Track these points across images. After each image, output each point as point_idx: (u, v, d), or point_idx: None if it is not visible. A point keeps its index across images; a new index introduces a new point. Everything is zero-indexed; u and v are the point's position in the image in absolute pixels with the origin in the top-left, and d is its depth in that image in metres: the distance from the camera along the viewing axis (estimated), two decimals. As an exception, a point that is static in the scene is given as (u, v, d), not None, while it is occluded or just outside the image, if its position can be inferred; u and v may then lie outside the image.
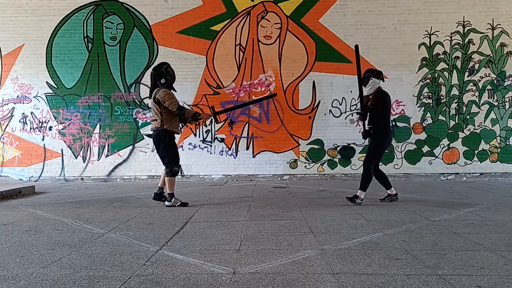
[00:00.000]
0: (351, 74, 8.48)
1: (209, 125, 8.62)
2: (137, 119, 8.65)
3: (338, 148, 8.52)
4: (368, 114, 5.24)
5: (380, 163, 8.32)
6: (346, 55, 8.46)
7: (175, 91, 5.40)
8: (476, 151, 8.43)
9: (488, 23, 8.40)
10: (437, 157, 8.46)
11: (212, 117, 5.51)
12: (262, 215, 4.55)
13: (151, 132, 5.52)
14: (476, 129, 8.43)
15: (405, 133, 8.48)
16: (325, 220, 4.24)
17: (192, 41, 8.59)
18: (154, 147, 5.47)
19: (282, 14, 8.52)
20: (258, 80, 8.56)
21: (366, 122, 5.27)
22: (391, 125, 5.24)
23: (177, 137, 8.55)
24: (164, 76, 5.16)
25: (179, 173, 5.37)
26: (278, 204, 5.35)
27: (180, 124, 5.63)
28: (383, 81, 5.31)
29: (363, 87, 5.28)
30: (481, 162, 8.42)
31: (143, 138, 8.65)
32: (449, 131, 8.45)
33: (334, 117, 8.53)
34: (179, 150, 8.50)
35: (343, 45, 8.45)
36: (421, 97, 8.46)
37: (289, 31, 8.52)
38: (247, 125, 8.59)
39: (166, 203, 5.26)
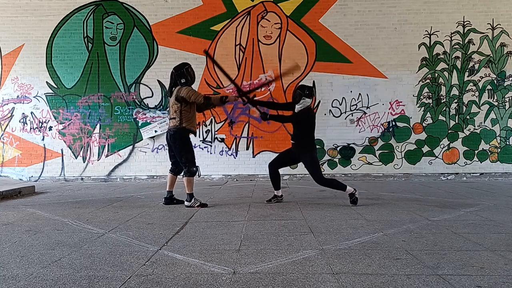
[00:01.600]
0: (351, 74, 8.49)
1: (209, 125, 8.62)
2: (137, 119, 8.65)
3: (338, 148, 8.52)
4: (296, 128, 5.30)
5: (380, 163, 8.45)
6: (346, 55, 8.46)
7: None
8: (476, 151, 8.43)
9: (488, 23, 8.40)
10: (437, 157, 8.46)
11: (240, 98, 5.48)
12: (262, 215, 4.55)
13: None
14: (476, 129, 8.43)
15: (405, 133, 8.48)
16: (325, 220, 4.24)
17: (192, 41, 8.59)
18: (167, 146, 5.42)
19: (282, 14, 8.52)
20: (258, 80, 8.55)
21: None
22: (313, 142, 5.29)
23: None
24: (184, 76, 5.18)
25: (197, 173, 5.34)
26: (278, 204, 5.35)
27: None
28: (315, 97, 5.32)
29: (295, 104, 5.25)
30: (481, 162, 8.42)
31: (143, 138, 8.64)
32: (449, 131, 8.45)
33: (334, 117, 8.53)
34: (179, 150, 8.59)
35: (343, 45, 8.45)
36: (421, 97, 8.46)
37: (289, 31, 8.52)
38: (247, 125, 8.59)
39: (186, 203, 5.22)
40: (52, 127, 8.72)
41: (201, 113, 5.59)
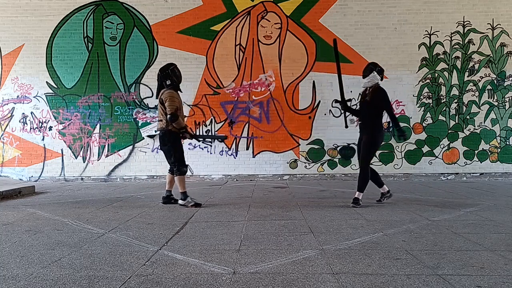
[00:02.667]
0: (351, 74, 8.47)
1: (209, 125, 8.62)
2: (137, 119, 8.65)
3: (338, 148, 8.52)
4: (365, 108, 5.17)
5: (380, 163, 8.44)
6: (346, 55, 8.45)
7: (181, 91, 5.43)
8: (476, 151, 8.43)
9: (488, 23, 8.40)
10: (437, 157, 8.46)
11: (190, 138, 5.61)
12: (262, 215, 4.55)
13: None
14: (476, 129, 8.43)
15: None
16: (325, 220, 4.24)
17: (192, 41, 8.59)
18: (159, 147, 5.47)
19: (282, 14, 8.52)
20: (258, 80, 8.56)
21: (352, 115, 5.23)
22: (382, 122, 5.24)
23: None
24: (169, 77, 5.19)
25: (188, 172, 5.37)
26: (278, 204, 5.35)
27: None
28: (382, 80, 5.26)
29: (363, 78, 5.18)
30: (481, 162, 8.41)
31: (143, 138, 8.65)
32: (449, 131, 8.45)
33: (334, 117, 8.52)
34: (179, 150, 8.59)
35: (343, 45, 8.44)
36: (421, 97, 8.45)
37: (289, 31, 8.52)
38: (247, 125, 8.58)
39: (180, 201, 5.26)
40: (52, 127, 8.72)
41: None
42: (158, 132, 5.43)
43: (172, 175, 5.41)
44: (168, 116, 5.10)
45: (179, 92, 5.40)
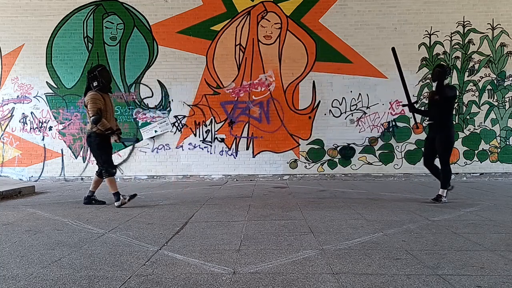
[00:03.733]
0: (351, 74, 8.49)
1: (209, 125, 8.62)
2: (137, 119, 8.65)
3: (338, 148, 8.52)
4: (435, 108, 5.32)
5: (380, 163, 8.45)
6: (346, 55, 8.45)
7: (111, 92, 5.49)
8: (476, 151, 8.43)
9: (488, 23, 8.40)
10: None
11: (118, 141, 5.63)
12: (262, 215, 4.55)
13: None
14: (476, 129, 8.43)
15: (405, 133, 8.48)
16: (325, 220, 4.24)
17: (192, 41, 8.59)
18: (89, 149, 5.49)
19: (282, 14, 8.52)
20: (258, 80, 8.56)
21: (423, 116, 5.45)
22: (453, 121, 5.46)
23: (175, 137, 8.58)
24: (97, 79, 5.17)
25: (118, 172, 5.40)
26: (278, 204, 5.35)
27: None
28: (450, 77, 5.44)
29: (432, 82, 5.49)
30: (481, 162, 8.41)
31: (143, 138, 8.64)
32: (449, 131, 8.43)
33: (334, 117, 8.53)
34: (179, 150, 8.61)
35: (343, 45, 8.45)
36: (421, 97, 8.45)
37: (289, 31, 8.52)
38: (247, 125, 8.59)
39: (115, 203, 5.26)
40: (52, 127, 8.72)
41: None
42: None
43: (99, 177, 5.40)
44: (91, 118, 5.12)
45: (109, 93, 5.40)
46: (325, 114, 8.53)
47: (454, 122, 8.40)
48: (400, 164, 8.47)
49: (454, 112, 5.42)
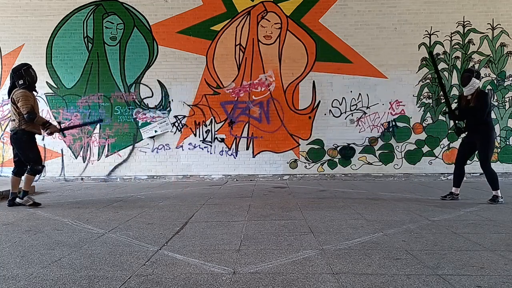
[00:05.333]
0: (351, 74, 8.49)
1: (209, 125, 8.63)
2: (137, 119, 8.65)
3: (338, 148, 8.52)
4: (470, 113, 5.29)
5: (380, 163, 8.45)
6: (346, 55, 8.46)
7: (37, 92, 5.51)
8: (476, 151, 8.41)
9: (488, 23, 8.40)
10: (437, 157, 8.46)
11: (60, 132, 5.63)
12: (262, 215, 4.55)
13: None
14: (476, 129, 8.42)
15: (405, 133, 8.48)
16: (325, 220, 4.24)
17: (192, 41, 8.59)
18: (14, 148, 5.45)
19: (282, 14, 8.52)
20: (258, 80, 8.56)
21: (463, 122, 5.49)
22: (491, 123, 5.42)
23: (175, 137, 8.58)
24: (23, 78, 5.19)
25: (41, 172, 5.42)
26: (278, 204, 5.35)
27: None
28: (480, 80, 5.44)
29: (462, 88, 5.40)
30: (481, 162, 8.40)
31: (143, 138, 8.64)
32: (449, 131, 8.44)
33: (334, 117, 8.53)
34: (179, 150, 8.61)
35: (343, 45, 8.45)
36: (421, 97, 8.45)
37: (289, 31, 8.52)
38: (247, 125, 8.59)
39: (17, 200, 5.27)
40: (52, 127, 8.70)
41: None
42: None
43: (16, 177, 5.39)
44: (26, 115, 5.12)
45: (34, 92, 5.42)
46: (325, 114, 8.53)
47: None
48: (400, 164, 8.47)
49: (492, 114, 5.38)
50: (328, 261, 2.84)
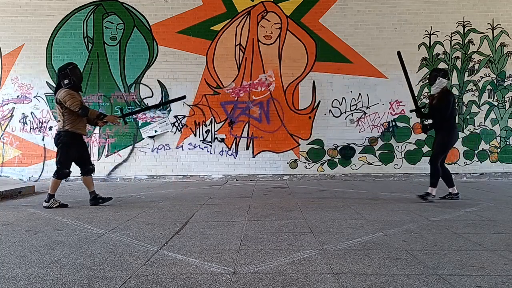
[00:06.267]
0: (351, 74, 8.49)
1: (209, 125, 8.62)
2: (137, 119, 8.64)
3: (338, 148, 8.52)
4: (433, 112, 5.40)
5: (380, 163, 8.45)
6: (346, 55, 8.46)
7: (81, 91, 5.44)
8: (476, 151, 8.43)
9: (488, 23, 8.40)
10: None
11: (120, 120, 5.58)
12: (262, 215, 4.55)
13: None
14: (476, 129, 8.43)
15: (405, 133, 8.48)
16: (325, 220, 4.24)
17: (192, 41, 8.59)
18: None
19: (282, 14, 8.52)
20: (258, 80, 8.56)
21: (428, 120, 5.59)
22: (455, 122, 5.52)
23: (175, 137, 8.58)
24: (68, 77, 5.11)
25: (68, 176, 5.38)
26: (278, 204, 5.35)
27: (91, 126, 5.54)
28: (449, 79, 5.44)
29: (431, 87, 5.46)
30: (481, 162, 8.42)
31: (143, 138, 8.64)
32: (449, 131, 8.43)
33: (334, 117, 8.53)
34: (179, 150, 8.61)
35: (343, 45, 8.45)
36: (421, 97, 8.45)
37: (289, 31, 8.52)
38: (247, 125, 8.59)
39: (44, 204, 5.23)
40: (52, 127, 8.71)
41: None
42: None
43: (85, 177, 5.40)
44: (79, 112, 5.07)
45: (79, 92, 5.37)
46: (325, 114, 8.53)
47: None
48: (400, 164, 8.47)
49: (455, 114, 5.40)
50: (328, 261, 2.84)
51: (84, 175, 5.41)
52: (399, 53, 5.79)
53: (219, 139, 8.61)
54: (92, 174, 5.37)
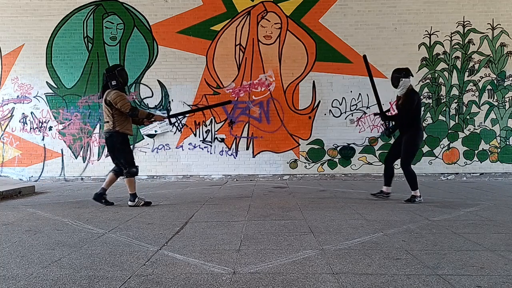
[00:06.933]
0: (351, 74, 8.49)
1: (209, 125, 8.62)
2: (138, 119, 8.63)
3: (338, 148, 8.52)
4: (400, 113, 5.37)
5: (380, 163, 8.44)
6: (346, 55, 8.46)
7: (127, 94, 5.41)
8: (476, 151, 8.43)
9: (488, 23, 8.40)
10: (437, 157, 8.46)
11: (166, 119, 5.58)
12: (262, 215, 4.55)
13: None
14: (476, 129, 8.43)
15: (405, 133, 8.47)
16: (325, 220, 4.24)
17: (192, 41, 8.59)
18: (107, 149, 5.45)
19: (282, 14, 8.52)
20: (258, 80, 8.56)
21: (390, 122, 5.58)
22: (421, 123, 5.45)
23: (175, 137, 8.58)
24: (116, 78, 5.14)
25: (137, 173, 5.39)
26: (278, 204, 5.35)
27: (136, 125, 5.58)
28: (412, 76, 5.41)
29: (396, 88, 5.42)
30: (481, 162, 8.42)
31: (143, 138, 8.65)
32: (449, 131, 8.45)
33: (334, 117, 8.53)
34: (179, 150, 8.61)
35: (343, 45, 8.45)
36: (421, 97, 8.45)
37: (289, 31, 8.52)
38: (247, 125, 8.59)
39: (129, 203, 5.26)
40: (52, 127, 8.72)
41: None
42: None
43: (114, 176, 5.39)
44: (129, 113, 5.11)
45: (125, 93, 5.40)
46: (325, 114, 8.53)
47: (454, 122, 8.44)
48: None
49: (421, 115, 5.37)
50: (328, 261, 2.84)
51: (114, 173, 5.40)
52: (364, 56, 5.82)
53: (219, 139, 8.61)
54: (126, 177, 5.27)
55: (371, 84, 5.65)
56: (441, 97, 8.47)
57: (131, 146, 8.53)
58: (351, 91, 8.49)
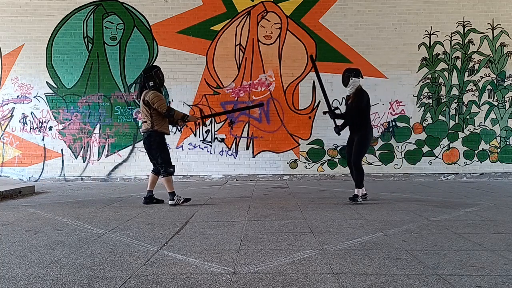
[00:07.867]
0: (351, 74, 8.47)
1: (209, 125, 8.62)
2: (137, 119, 8.64)
3: (338, 148, 8.52)
4: (350, 112, 5.42)
5: (380, 163, 8.44)
6: (346, 55, 8.45)
7: (162, 93, 5.47)
8: (476, 151, 8.43)
9: (488, 23, 8.40)
10: (437, 157, 8.46)
11: (200, 120, 5.63)
12: (262, 215, 4.56)
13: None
14: (476, 129, 8.43)
15: (405, 133, 8.48)
16: (325, 220, 4.24)
17: (192, 41, 8.59)
18: (145, 149, 5.47)
19: (282, 14, 8.52)
20: (258, 80, 8.56)
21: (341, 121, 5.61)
22: (370, 121, 5.51)
23: (175, 137, 8.59)
24: (153, 79, 5.20)
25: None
26: (278, 204, 5.36)
27: (171, 125, 5.68)
28: (362, 77, 5.44)
29: (345, 87, 5.48)
30: (481, 162, 8.41)
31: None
32: (449, 131, 8.45)
33: (334, 117, 8.51)
34: (179, 150, 8.61)
35: (343, 45, 8.45)
36: (421, 97, 8.45)
37: (289, 31, 8.52)
38: (247, 125, 8.58)
39: (170, 202, 5.29)
40: (52, 127, 8.72)
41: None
42: (143, 134, 5.40)
43: (155, 176, 5.45)
44: (165, 113, 5.17)
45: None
46: (325, 114, 8.50)
47: (454, 122, 8.44)
48: (400, 164, 8.47)
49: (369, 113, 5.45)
50: (328, 261, 2.84)
51: (154, 173, 5.46)
52: (311, 56, 6.02)
53: (219, 139, 8.61)
54: (163, 176, 5.30)
55: (318, 83, 5.78)
56: (441, 97, 8.47)
57: (132, 146, 8.66)
58: (351, 91, 8.48)
